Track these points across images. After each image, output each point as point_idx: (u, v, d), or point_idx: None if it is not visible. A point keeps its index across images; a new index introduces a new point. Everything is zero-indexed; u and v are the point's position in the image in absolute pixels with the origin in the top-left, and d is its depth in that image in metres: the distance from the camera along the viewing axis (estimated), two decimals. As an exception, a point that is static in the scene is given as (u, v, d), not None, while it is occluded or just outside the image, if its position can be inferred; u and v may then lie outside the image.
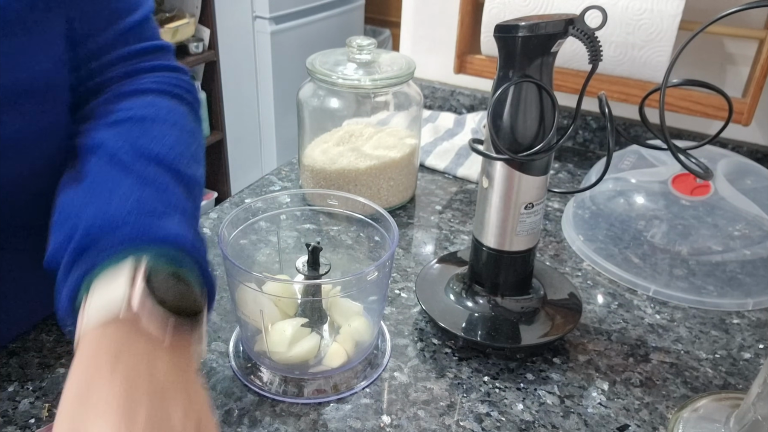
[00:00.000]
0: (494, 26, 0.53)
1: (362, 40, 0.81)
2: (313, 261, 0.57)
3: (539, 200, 0.58)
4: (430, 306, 0.62)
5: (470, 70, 1.02)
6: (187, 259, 0.45)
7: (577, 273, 0.74)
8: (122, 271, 0.41)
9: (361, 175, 0.80)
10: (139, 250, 0.42)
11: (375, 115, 0.84)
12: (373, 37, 1.11)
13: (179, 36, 2.06)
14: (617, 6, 0.84)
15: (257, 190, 0.89)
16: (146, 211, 0.44)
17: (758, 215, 0.71)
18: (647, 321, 0.66)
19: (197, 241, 0.46)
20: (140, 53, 0.57)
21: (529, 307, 0.62)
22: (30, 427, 0.51)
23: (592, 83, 0.91)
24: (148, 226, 0.44)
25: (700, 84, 0.53)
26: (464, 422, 0.53)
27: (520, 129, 0.54)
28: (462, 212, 0.85)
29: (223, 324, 0.63)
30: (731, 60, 0.95)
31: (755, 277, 0.69)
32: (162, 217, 0.45)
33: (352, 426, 0.53)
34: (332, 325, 0.59)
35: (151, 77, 0.56)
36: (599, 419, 0.54)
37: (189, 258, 0.45)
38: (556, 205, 0.88)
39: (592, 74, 0.54)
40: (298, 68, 2.36)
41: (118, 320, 0.40)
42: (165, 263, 0.42)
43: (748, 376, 0.59)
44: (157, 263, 0.42)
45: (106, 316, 0.40)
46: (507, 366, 0.59)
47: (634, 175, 0.78)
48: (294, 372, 0.56)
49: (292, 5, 2.29)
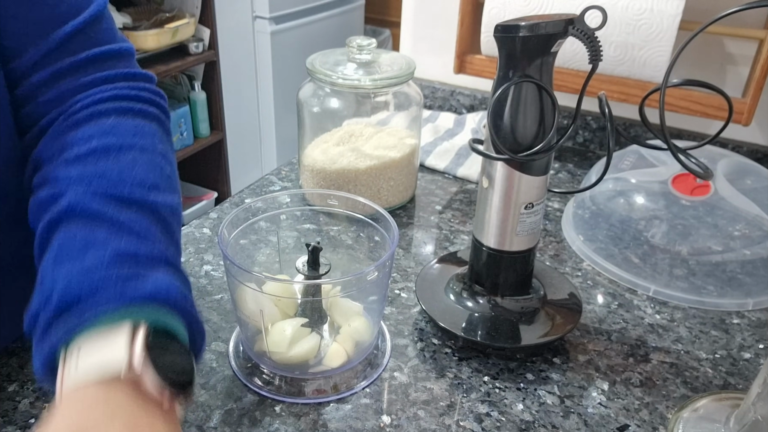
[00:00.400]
0: (494, 26, 0.53)
1: (362, 40, 0.81)
2: (313, 261, 0.57)
3: (539, 200, 0.58)
4: (430, 306, 0.62)
5: (470, 70, 1.02)
6: (176, 312, 0.43)
7: (577, 273, 0.74)
8: (120, 332, 0.39)
9: (361, 175, 0.80)
10: (126, 309, 0.40)
11: (375, 115, 0.84)
12: (373, 37, 1.11)
13: (179, 36, 2.06)
14: (617, 6, 0.84)
15: (257, 190, 0.89)
16: (127, 265, 0.42)
17: (758, 215, 0.71)
18: (647, 321, 0.66)
19: (184, 288, 0.44)
20: (89, 63, 0.49)
21: (529, 307, 0.62)
22: (30, 427, 0.51)
23: (592, 83, 0.91)
24: (131, 283, 0.41)
25: (700, 84, 0.53)
26: (464, 422, 0.53)
27: (520, 129, 0.54)
28: (462, 212, 0.85)
29: (223, 324, 0.63)
30: (731, 60, 0.95)
31: (755, 277, 0.69)
32: (146, 268, 0.42)
33: (352, 426, 0.53)
34: (332, 325, 0.59)
35: (108, 91, 0.49)
36: (599, 419, 0.54)
37: (178, 311, 0.43)
38: (556, 205, 0.88)
39: (592, 74, 0.54)
40: (298, 68, 2.36)
41: (118, 380, 0.39)
42: (155, 320, 0.41)
43: (748, 376, 0.59)
44: (150, 321, 0.40)
45: (103, 375, 0.38)
46: (507, 366, 0.59)
47: (634, 175, 0.78)
48: (294, 372, 0.56)
49: (292, 5, 2.29)
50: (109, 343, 0.39)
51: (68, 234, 0.43)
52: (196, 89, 2.26)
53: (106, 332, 0.39)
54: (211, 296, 0.67)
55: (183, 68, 2.11)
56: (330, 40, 2.49)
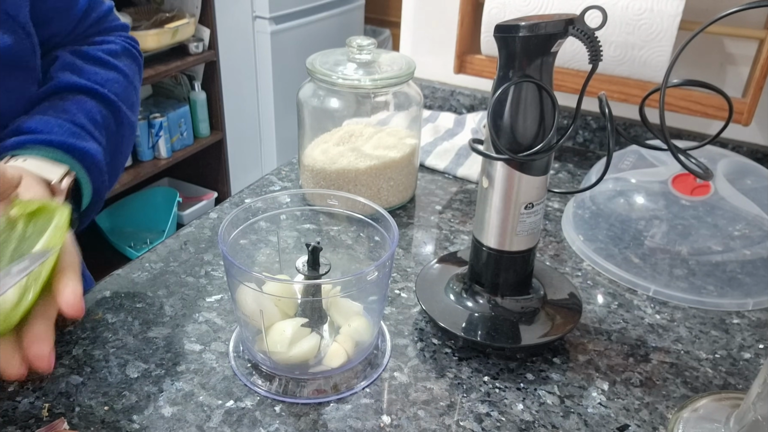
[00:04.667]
0: (494, 26, 0.53)
1: (362, 40, 0.81)
2: (313, 261, 0.57)
3: (539, 200, 0.58)
4: (430, 306, 0.62)
5: (470, 70, 1.02)
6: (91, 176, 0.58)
7: (577, 273, 0.74)
8: (59, 165, 0.54)
9: (361, 175, 0.80)
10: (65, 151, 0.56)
11: (375, 115, 0.84)
12: (373, 37, 1.11)
13: (179, 36, 2.06)
14: (617, 6, 0.84)
15: (257, 190, 0.89)
16: (78, 129, 0.58)
17: (758, 215, 0.71)
18: (647, 321, 0.66)
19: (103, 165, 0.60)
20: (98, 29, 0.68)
21: (529, 307, 0.62)
22: (30, 427, 0.51)
23: (592, 83, 0.91)
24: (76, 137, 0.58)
25: (700, 84, 0.53)
26: (464, 422, 0.53)
27: (520, 129, 0.54)
28: (462, 212, 0.85)
29: (223, 324, 0.63)
30: (731, 60, 0.95)
31: (755, 277, 0.69)
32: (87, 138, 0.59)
33: (352, 426, 0.53)
34: (332, 325, 0.59)
35: (116, 38, 0.68)
36: (599, 419, 0.54)
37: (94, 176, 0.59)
38: (556, 205, 0.88)
39: (592, 74, 0.54)
40: (298, 68, 2.36)
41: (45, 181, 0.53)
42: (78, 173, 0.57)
43: (748, 376, 0.59)
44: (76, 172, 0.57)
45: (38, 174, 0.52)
46: (507, 366, 0.59)
47: (634, 175, 0.78)
48: (294, 372, 0.56)
49: (292, 5, 2.29)
50: (49, 166, 0.53)
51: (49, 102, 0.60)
52: (196, 89, 2.26)
53: (48, 162, 0.54)
54: (211, 296, 0.67)
55: (183, 68, 2.11)
56: (330, 40, 2.49)
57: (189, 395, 0.55)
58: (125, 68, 0.66)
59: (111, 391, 0.55)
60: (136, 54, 0.69)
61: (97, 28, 0.67)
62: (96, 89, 0.61)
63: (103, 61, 0.64)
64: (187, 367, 0.58)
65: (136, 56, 0.69)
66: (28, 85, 0.58)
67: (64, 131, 0.56)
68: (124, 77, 0.65)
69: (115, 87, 0.63)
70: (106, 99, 0.62)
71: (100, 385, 0.55)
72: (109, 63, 0.65)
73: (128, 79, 0.66)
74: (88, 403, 0.54)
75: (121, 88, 0.64)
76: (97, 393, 0.55)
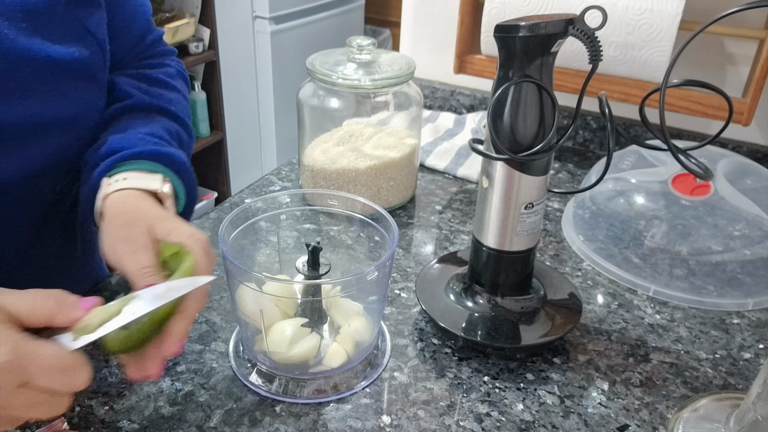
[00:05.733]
0: (494, 26, 0.53)
1: (362, 40, 0.81)
2: (313, 261, 0.57)
3: (539, 200, 0.58)
4: (430, 306, 0.62)
5: (470, 70, 1.02)
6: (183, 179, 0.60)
7: (577, 273, 0.74)
8: (155, 175, 0.57)
9: (361, 175, 0.80)
10: (155, 160, 0.58)
11: (375, 115, 0.84)
12: (373, 37, 1.11)
13: (179, 36, 2.06)
14: (617, 6, 0.84)
15: (257, 190, 0.89)
16: (157, 138, 0.61)
17: (758, 215, 0.71)
18: (647, 321, 0.66)
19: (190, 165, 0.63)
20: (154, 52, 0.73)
21: (529, 307, 0.62)
22: (30, 427, 0.51)
23: (592, 83, 0.91)
24: (160, 145, 0.60)
25: (700, 84, 0.53)
26: (464, 422, 0.53)
27: (520, 129, 0.54)
28: (462, 212, 0.85)
29: (223, 324, 0.63)
30: (731, 60, 0.95)
31: (755, 277, 0.69)
32: (169, 144, 0.61)
33: (352, 426, 0.53)
34: (332, 325, 0.59)
35: (170, 62, 0.73)
36: (599, 419, 0.54)
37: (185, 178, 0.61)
38: (556, 205, 0.88)
39: (592, 74, 0.54)
40: (298, 68, 2.36)
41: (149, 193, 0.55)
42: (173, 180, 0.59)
43: (748, 376, 0.59)
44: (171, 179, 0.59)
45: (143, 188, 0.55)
46: (507, 366, 0.59)
47: (634, 175, 0.78)
48: (294, 372, 0.56)
49: (292, 5, 2.29)
50: (147, 177, 0.56)
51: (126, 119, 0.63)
52: (196, 89, 2.26)
53: (145, 173, 0.56)
54: (211, 296, 0.67)
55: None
56: (330, 40, 2.48)
57: (189, 395, 0.55)
58: (182, 89, 0.71)
59: (111, 391, 0.55)
60: (186, 76, 0.75)
61: (152, 50, 0.71)
62: (165, 107, 0.65)
63: (165, 83, 0.69)
64: (187, 367, 0.58)
65: (186, 78, 0.74)
66: (95, 98, 0.61)
67: (147, 143, 0.58)
68: (183, 97, 0.70)
69: (178, 106, 0.67)
70: (175, 115, 0.66)
71: (100, 385, 0.55)
72: (169, 84, 0.69)
73: (186, 99, 0.71)
74: (88, 403, 0.54)
75: (182, 107, 0.68)
76: (97, 393, 0.55)
